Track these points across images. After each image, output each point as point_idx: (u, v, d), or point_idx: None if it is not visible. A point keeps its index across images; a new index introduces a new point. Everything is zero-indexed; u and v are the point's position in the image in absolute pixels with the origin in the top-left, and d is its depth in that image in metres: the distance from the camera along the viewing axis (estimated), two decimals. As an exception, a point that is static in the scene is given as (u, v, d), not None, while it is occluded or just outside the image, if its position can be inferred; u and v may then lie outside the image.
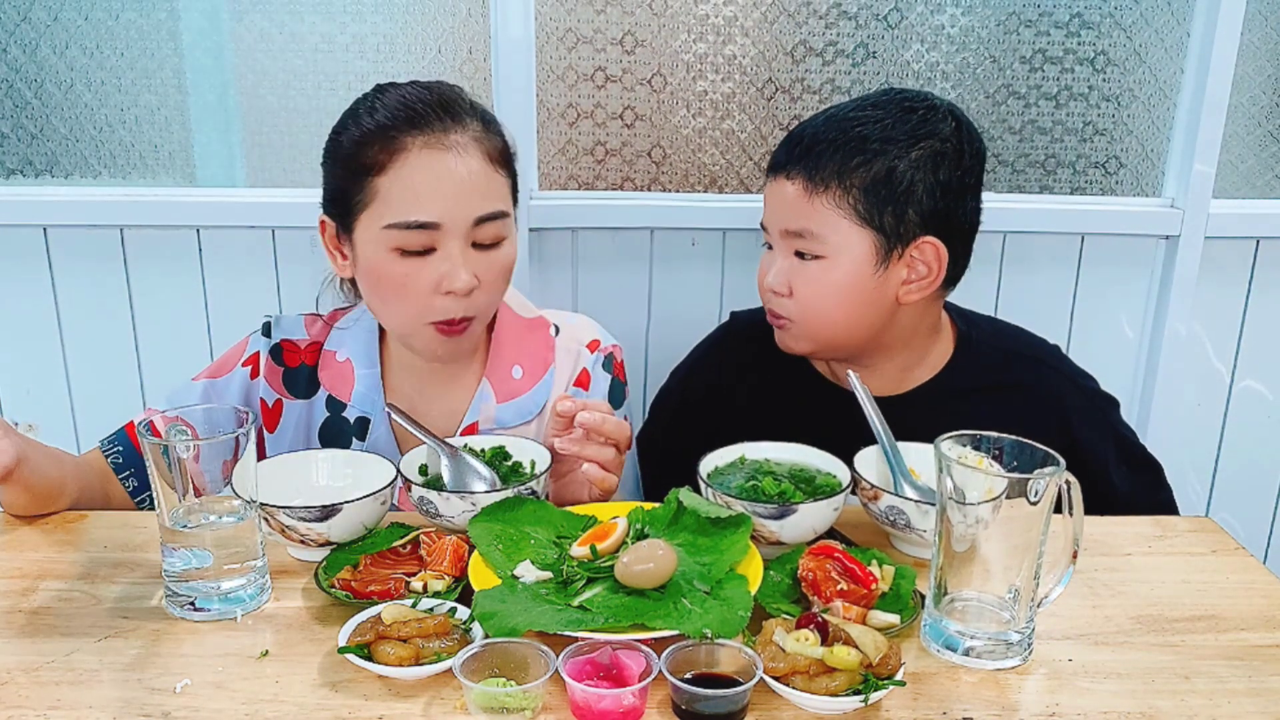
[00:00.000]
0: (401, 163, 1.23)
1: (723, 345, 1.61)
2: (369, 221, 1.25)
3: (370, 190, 1.24)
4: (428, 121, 1.24)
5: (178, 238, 1.80)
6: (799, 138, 1.39)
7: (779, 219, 1.40)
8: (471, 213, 1.24)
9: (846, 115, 1.37)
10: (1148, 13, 1.83)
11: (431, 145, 1.23)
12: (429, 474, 1.22)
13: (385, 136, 1.24)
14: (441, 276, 1.24)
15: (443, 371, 1.40)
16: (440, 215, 1.23)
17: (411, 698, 0.90)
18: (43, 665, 0.94)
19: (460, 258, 1.24)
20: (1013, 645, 0.97)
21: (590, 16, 1.76)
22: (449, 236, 1.24)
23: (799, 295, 1.39)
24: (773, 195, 1.42)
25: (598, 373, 1.44)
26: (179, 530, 1.01)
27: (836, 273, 1.36)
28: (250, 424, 1.02)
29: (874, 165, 1.33)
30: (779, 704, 0.90)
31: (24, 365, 1.86)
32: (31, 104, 1.75)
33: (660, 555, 0.99)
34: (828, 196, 1.34)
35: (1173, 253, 1.89)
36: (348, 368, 1.40)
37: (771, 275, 1.42)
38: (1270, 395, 2.03)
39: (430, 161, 1.23)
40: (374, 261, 1.26)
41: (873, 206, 1.33)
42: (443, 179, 1.23)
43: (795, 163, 1.37)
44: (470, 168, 1.25)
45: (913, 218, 1.34)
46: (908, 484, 1.21)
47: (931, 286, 1.39)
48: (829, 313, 1.39)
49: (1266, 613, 1.07)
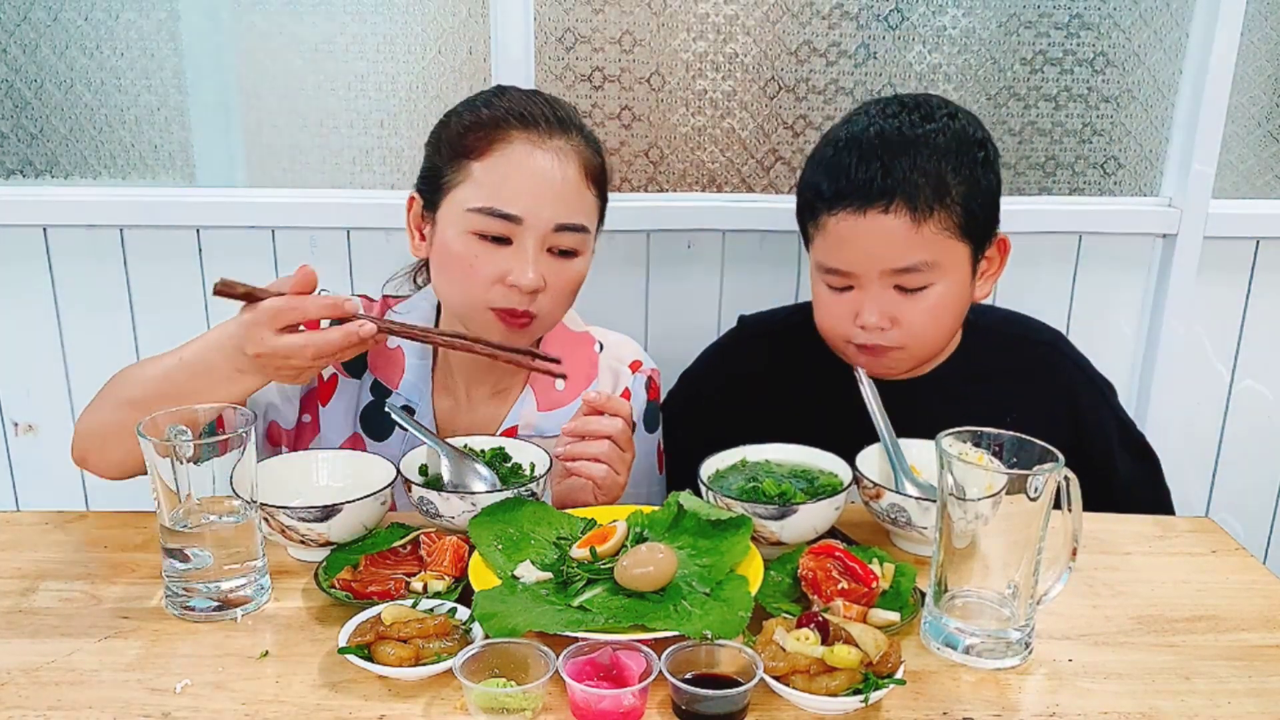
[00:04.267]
0: (500, 152, 1.27)
1: (733, 349, 1.60)
2: (455, 202, 1.28)
3: (464, 172, 1.28)
4: (535, 122, 1.28)
5: (178, 238, 1.80)
6: (872, 164, 1.28)
7: (878, 260, 1.30)
8: (554, 216, 1.27)
9: (902, 131, 1.30)
10: (1147, 14, 1.83)
11: (533, 143, 1.27)
12: (429, 474, 1.23)
13: (492, 125, 1.28)
14: (510, 269, 1.26)
15: (490, 373, 1.41)
16: (523, 210, 1.25)
17: (411, 698, 0.90)
18: (43, 665, 0.94)
19: (532, 256, 1.26)
20: (1012, 644, 0.97)
21: (588, 16, 1.76)
22: (527, 233, 1.26)
23: (909, 324, 1.33)
24: (860, 234, 1.30)
25: (638, 392, 1.45)
26: (179, 530, 1.01)
27: (945, 291, 1.33)
28: (250, 424, 1.02)
29: (963, 172, 1.30)
30: (779, 704, 0.90)
31: (24, 365, 1.86)
32: (31, 104, 1.75)
33: (660, 559, 0.99)
34: (934, 221, 1.28)
35: (1170, 251, 1.89)
36: (398, 355, 1.41)
37: (869, 313, 1.32)
38: (1270, 395, 2.03)
39: (527, 157, 1.27)
40: (451, 240, 1.29)
41: (970, 218, 1.31)
42: (534, 176, 1.26)
43: (892, 193, 1.27)
44: (564, 174, 1.28)
45: (993, 219, 1.36)
46: (909, 481, 1.21)
47: (996, 276, 1.41)
48: (940, 330, 1.37)
49: (1266, 613, 1.08)
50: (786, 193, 1.87)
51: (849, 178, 1.30)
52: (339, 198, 1.81)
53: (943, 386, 1.45)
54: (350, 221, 1.80)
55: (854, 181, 1.29)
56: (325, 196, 1.81)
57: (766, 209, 1.84)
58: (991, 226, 1.37)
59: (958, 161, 1.29)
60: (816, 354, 1.52)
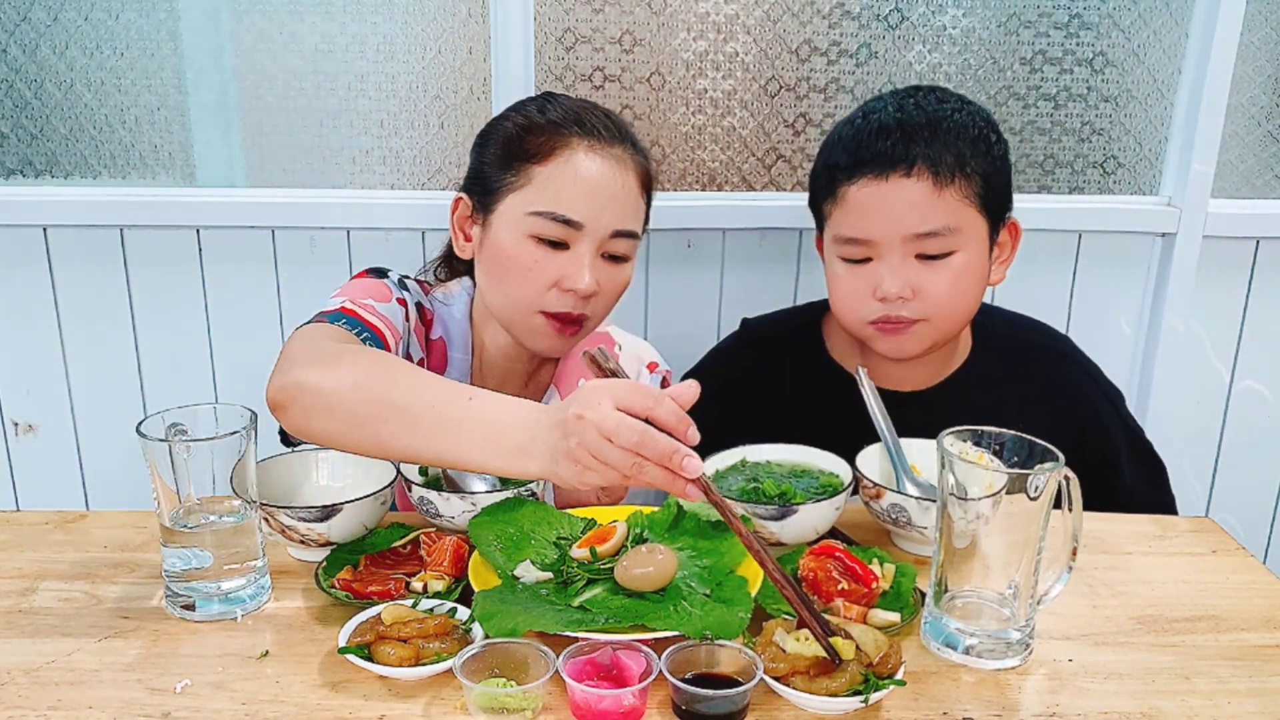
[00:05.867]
0: (564, 158, 1.28)
1: (738, 352, 1.60)
2: (514, 204, 1.29)
3: (525, 175, 1.28)
4: (595, 130, 1.30)
5: (178, 238, 1.80)
6: (893, 133, 1.30)
7: (900, 224, 1.30)
8: (613, 223, 1.29)
9: (925, 106, 1.33)
10: (1146, 13, 1.82)
11: (596, 151, 1.29)
12: (429, 474, 1.23)
13: (554, 129, 1.29)
14: (566, 273, 1.27)
15: (521, 374, 1.44)
16: (585, 216, 1.27)
17: (411, 698, 0.90)
18: (43, 665, 0.94)
19: (588, 261, 1.28)
20: (1012, 644, 0.97)
21: (588, 16, 1.76)
22: (586, 238, 1.28)
23: (930, 295, 1.33)
24: (883, 199, 1.31)
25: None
26: (179, 530, 1.01)
27: (965, 262, 1.33)
28: (250, 424, 1.02)
29: (980, 149, 1.32)
30: (779, 704, 0.90)
31: (24, 365, 1.86)
32: (31, 104, 1.75)
33: (660, 560, 0.99)
34: (955, 188, 1.30)
35: (1169, 250, 1.89)
36: (440, 346, 1.42)
37: (890, 283, 1.31)
38: (1270, 395, 2.03)
39: (592, 164, 1.28)
40: (507, 243, 1.29)
41: (989, 191, 1.33)
42: (598, 183, 1.28)
43: (914, 158, 1.29)
44: (625, 182, 1.30)
45: (1008, 199, 1.38)
46: (910, 481, 1.21)
47: (1009, 262, 1.42)
48: (961, 305, 1.36)
49: (1266, 613, 1.08)
50: (788, 191, 1.88)
51: (871, 148, 1.32)
52: (339, 198, 1.81)
53: (954, 395, 1.45)
54: (350, 221, 1.80)
55: (875, 150, 1.31)
56: (325, 196, 1.81)
57: (766, 207, 1.84)
58: (1005, 206, 1.39)
59: (974, 138, 1.32)
60: (819, 357, 1.52)
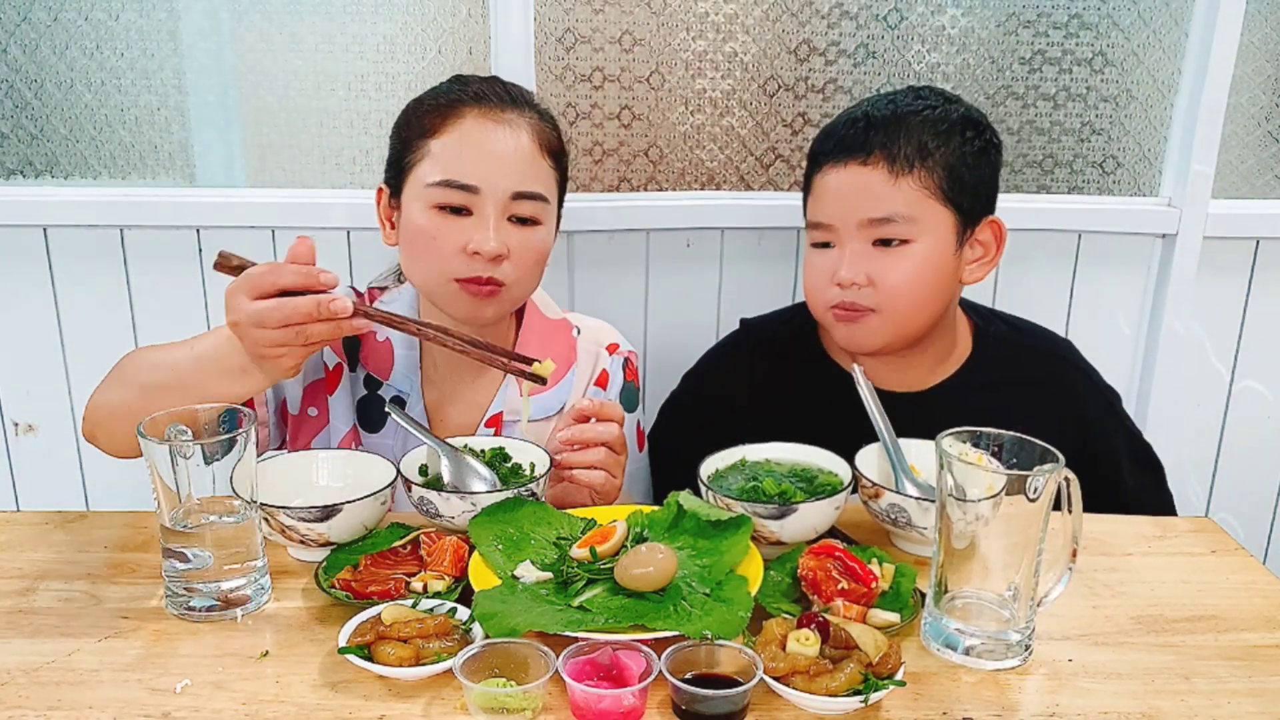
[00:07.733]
0: (455, 127, 1.31)
1: (736, 351, 1.61)
2: (417, 179, 1.32)
3: (422, 151, 1.32)
4: (487, 98, 1.34)
5: (178, 238, 1.80)
6: (858, 123, 1.36)
7: (855, 209, 1.35)
8: (511, 185, 1.31)
9: (900, 102, 1.37)
10: (1146, 13, 1.83)
11: (486, 116, 1.32)
12: (429, 474, 1.23)
13: (447, 104, 1.33)
14: (471, 238, 1.29)
15: (473, 363, 1.42)
16: (481, 180, 1.29)
17: (411, 698, 0.90)
18: (43, 665, 0.94)
19: (492, 224, 1.30)
20: (1012, 645, 0.97)
21: (588, 16, 1.76)
22: (486, 202, 1.30)
23: (884, 284, 1.35)
24: (841, 185, 1.36)
25: (615, 374, 1.48)
26: (179, 530, 1.01)
27: (924, 254, 1.35)
28: (250, 424, 1.02)
29: (951, 144, 1.34)
30: (779, 704, 0.90)
31: (24, 365, 1.86)
32: (31, 104, 1.75)
33: (660, 559, 0.99)
34: (913, 177, 1.33)
35: (1169, 251, 1.89)
36: (386, 347, 1.43)
37: (846, 269, 1.36)
38: (1270, 395, 2.03)
39: (481, 129, 1.31)
40: (415, 218, 1.32)
41: (955, 185, 1.34)
42: (489, 147, 1.31)
43: (870, 147, 1.34)
44: (519, 143, 1.32)
45: (984, 198, 1.38)
46: (909, 481, 1.21)
47: (993, 264, 1.42)
48: (917, 297, 1.36)
49: (1266, 613, 1.08)
50: (786, 190, 1.88)
51: (834, 137, 1.38)
52: (339, 198, 1.81)
53: (953, 397, 1.46)
54: (350, 221, 1.80)
55: (838, 139, 1.38)
56: (325, 196, 1.81)
57: (765, 206, 1.85)
58: (981, 205, 1.39)
59: (943, 134, 1.34)
60: (817, 357, 1.52)
